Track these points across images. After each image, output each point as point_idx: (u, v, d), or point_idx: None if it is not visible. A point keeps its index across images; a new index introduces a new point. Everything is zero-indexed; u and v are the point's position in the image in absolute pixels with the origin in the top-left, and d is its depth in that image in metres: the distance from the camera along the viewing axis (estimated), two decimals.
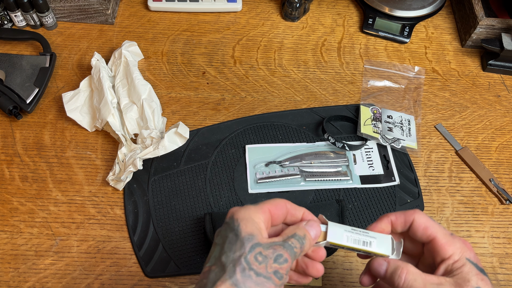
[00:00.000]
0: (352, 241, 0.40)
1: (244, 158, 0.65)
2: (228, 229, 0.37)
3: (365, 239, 0.40)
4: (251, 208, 0.38)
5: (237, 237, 0.36)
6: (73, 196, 0.61)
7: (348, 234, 0.40)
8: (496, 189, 0.64)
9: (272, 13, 0.83)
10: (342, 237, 0.40)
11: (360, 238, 0.40)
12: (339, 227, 0.40)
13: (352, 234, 0.40)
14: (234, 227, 0.37)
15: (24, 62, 0.71)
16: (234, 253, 0.35)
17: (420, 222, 0.39)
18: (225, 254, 0.35)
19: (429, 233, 0.39)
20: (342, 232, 0.40)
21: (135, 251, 0.57)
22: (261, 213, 0.38)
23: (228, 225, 0.37)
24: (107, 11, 0.77)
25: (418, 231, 0.39)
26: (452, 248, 0.37)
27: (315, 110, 0.70)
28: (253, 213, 0.38)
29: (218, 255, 0.36)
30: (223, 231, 0.38)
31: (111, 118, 0.64)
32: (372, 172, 0.64)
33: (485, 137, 0.70)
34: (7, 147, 0.65)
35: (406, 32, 0.80)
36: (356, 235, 0.40)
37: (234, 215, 0.38)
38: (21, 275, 0.55)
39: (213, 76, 0.74)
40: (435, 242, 0.38)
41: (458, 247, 0.38)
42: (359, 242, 0.40)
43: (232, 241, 0.36)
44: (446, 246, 0.37)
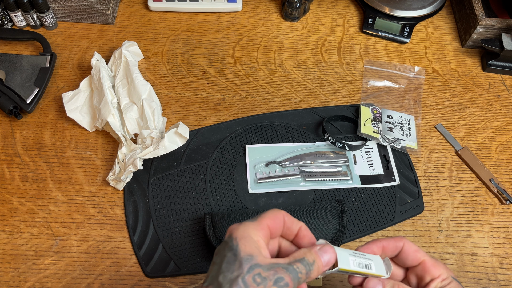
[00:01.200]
0: (357, 265, 0.39)
1: (244, 158, 0.65)
2: (226, 248, 0.36)
3: (366, 262, 0.40)
4: (250, 225, 0.37)
5: (235, 257, 0.35)
6: (73, 196, 0.61)
7: (352, 259, 0.39)
8: (496, 189, 0.64)
9: (272, 13, 0.83)
10: (349, 262, 0.38)
11: (362, 261, 0.40)
12: (344, 252, 0.39)
13: (355, 258, 0.39)
14: (232, 247, 0.36)
15: (24, 62, 0.71)
16: (232, 273, 0.34)
17: (410, 246, 0.42)
18: (223, 273, 0.34)
19: (419, 256, 0.42)
20: (347, 256, 0.39)
21: (135, 251, 0.57)
22: (260, 230, 0.37)
23: (227, 244, 0.36)
24: (107, 11, 0.77)
25: (409, 255, 0.42)
26: (440, 269, 0.41)
27: (315, 110, 0.70)
28: (252, 231, 0.37)
29: (215, 275, 0.35)
30: (222, 250, 0.37)
31: (111, 118, 0.64)
32: (372, 172, 0.64)
33: (485, 137, 0.70)
34: (7, 147, 0.65)
35: (406, 32, 0.80)
36: (358, 259, 0.39)
37: (233, 234, 0.37)
38: (21, 275, 0.55)
39: (213, 76, 0.74)
40: (425, 263, 0.41)
41: (443, 267, 0.42)
42: (362, 265, 0.39)
43: (231, 260, 0.35)
44: (435, 267, 0.41)
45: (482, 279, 0.58)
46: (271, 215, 0.39)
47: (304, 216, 0.57)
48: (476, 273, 0.58)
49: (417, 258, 0.42)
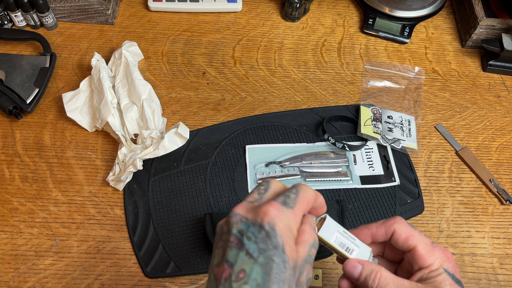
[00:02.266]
0: (338, 244, 0.40)
1: (244, 159, 0.65)
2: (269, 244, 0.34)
3: (350, 245, 0.40)
4: (291, 215, 0.35)
5: (285, 268, 0.33)
6: (73, 196, 0.61)
7: (338, 235, 0.40)
8: (496, 190, 0.64)
9: (272, 13, 0.83)
10: (332, 235, 0.39)
11: (346, 243, 0.40)
12: (334, 226, 0.40)
13: (342, 236, 0.40)
14: (278, 248, 0.34)
15: (24, 62, 0.71)
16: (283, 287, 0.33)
17: (401, 232, 0.40)
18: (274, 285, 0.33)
19: (409, 243, 0.39)
20: (334, 231, 0.40)
21: (135, 251, 0.57)
22: (298, 220, 0.36)
23: (269, 238, 0.34)
24: (107, 11, 0.77)
25: (399, 241, 0.40)
26: (432, 258, 0.38)
27: (315, 110, 0.70)
28: (292, 223, 0.35)
29: (262, 283, 0.32)
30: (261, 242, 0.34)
31: (111, 118, 0.64)
32: (372, 173, 0.64)
33: (485, 137, 0.70)
34: (7, 147, 0.65)
35: (406, 33, 0.80)
36: (344, 239, 0.40)
37: (276, 226, 0.34)
38: (21, 275, 0.55)
39: (213, 76, 0.74)
40: (415, 251, 0.39)
41: (438, 257, 0.38)
42: (343, 246, 0.40)
43: (281, 270, 0.33)
44: (426, 256, 0.38)
45: (482, 280, 0.58)
46: (306, 198, 0.37)
47: None
48: (476, 273, 0.58)
49: (407, 245, 0.39)
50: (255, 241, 0.34)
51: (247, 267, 0.33)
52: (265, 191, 0.38)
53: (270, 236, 0.34)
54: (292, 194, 0.37)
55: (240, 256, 0.34)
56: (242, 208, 0.36)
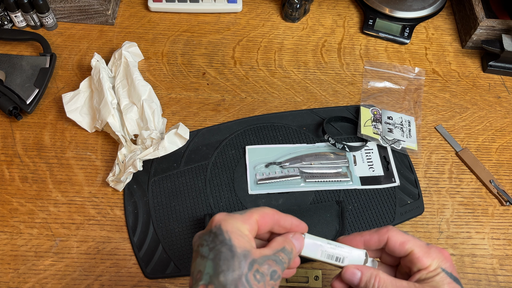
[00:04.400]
0: (326, 256, 0.40)
1: (244, 159, 0.65)
2: (217, 241, 0.36)
3: (339, 254, 0.41)
4: (239, 218, 0.37)
5: (232, 254, 0.35)
6: (73, 197, 0.61)
7: (323, 249, 0.41)
8: (497, 191, 0.64)
9: (272, 14, 0.83)
10: (317, 251, 0.40)
11: (334, 253, 0.41)
12: (316, 241, 0.41)
13: (329, 249, 0.41)
14: (225, 241, 0.35)
15: (24, 62, 0.71)
16: (233, 272, 0.34)
17: (396, 239, 0.40)
18: (223, 273, 0.34)
19: (406, 248, 0.40)
20: (317, 246, 0.40)
21: (135, 252, 0.57)
22: (249, 224, 0.38)
23: (217, 237, 0.36)
24: (107, 12, 0.77)
25: (395, 247, 0.40)
26: (429, 259, 0.39)
27: (315, 111, 0.70)
28: (241, 225, 0.37)
29: (213, 273, 0.34)
30: (211, 243, 0.36)
31: (111, 119, 0.63)
32: (372, 173, 0.64)
33: (486, 138, 0.70)
34: (7, 147, 0.65)
35: (407, 33, 0.79)
36: (331, 250, 0.41)
37: (222, 226, 0.36)
38: (21, 276, 0.55)
39: (213, 77, 0.74)
40: (413, 255, 0.39)
41: (435, 257, 0.39)
42: (332, 257, 0.41)
43: (228, 257, 0.34)
44: (423, 258, 0.39)
45: (482, 281, 0.57)
46: (261, 211, 0.39)
47: (304, 217, 0.57)
48: (476, 274, 0.58)
49: (404, 250, 0.40)
50: (207, 245, 0.36)
51: (202, 267, 0.35)
52: None
53: (217, 234, 0.36)
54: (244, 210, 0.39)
55: (197, 261, 0.36)
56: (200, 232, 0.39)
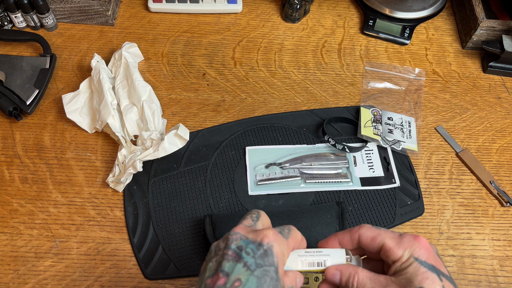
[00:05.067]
0: (307, 265, 0.41)
1: (244, 160, 0.64)
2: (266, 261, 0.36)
3: (319, 259, 0.41)
4: (285, 244, 0.38)
5: (277, 284, 0.35)
6: (73, 198, 0.61)
7: (302, 259, 0.41)
8: (497, 191, 0.64)
9: (272, 15, 0.83)
10: (297, 263, 0.41)
11: (314, 259, 0.41)
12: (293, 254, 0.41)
13: (306, 257, 0.41)
14: (273, 266, 0.36)
15: (24, 63, 0.71)
16: None
17: (367, 236, 0.40)
18: None
19: (377, 242, 0.40)
20: (295, 257, 0.41)
21: (135, 253, 0.57)
22: (289, 251, 0.39)
23: (267, 256, 0.36)
24: (108, 12, 0.77)
25: (367, 243, 0.40)
26: (400, 250, 0.38)
27: (315, 111, 0.70)
28: (285, 251, 0.38)
29: None
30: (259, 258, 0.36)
31: (111, 119, 0.63)
32: (373, 174, 0.64)
33: (486, 139, 0.70)
34: (7, 148, 0.65)
35: (407, 34, 0.79)
36: (310, 258, 0.41)
37: (274, 248, 0.37)
38: (21, 277, 0.55)
39: (213, 78, 0.74)
40: (384, 247, 0.39)
41: (407, 247, 0.38)
42: (313, 264, 0.41)
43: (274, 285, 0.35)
44: (395, 249, 0.38)
45: (482, 282, 0.57)
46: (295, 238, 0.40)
47: (304, 218, 0.57)
48: (477, 275, 0.58)
49: (376, 245, 0.40)
50: (253, 256, 0.36)
51: (243, 277, 0.34)
52: (257, 218, 0.41)
53: (267, 254, 0.36)
54: (286, 229, 0.40)
55: (237, 267, 0.35)
56: (241, 229, 0.39)
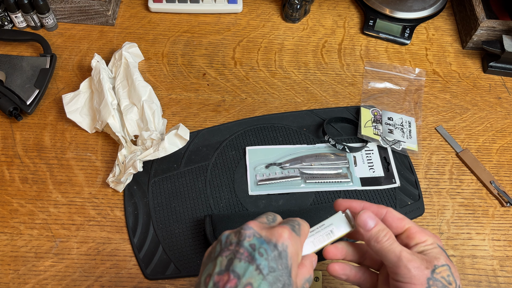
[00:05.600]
0: (318, 242, 0.41)
1: (244, 160, 0.64)
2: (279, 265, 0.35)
3: (325, 231, 0.42)
4: (299, 242, 0.38)
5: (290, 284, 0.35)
6: (73, 198, 0.61)
7: (312, 240, 0.41)
8: (497, 192, 0.64)
9: (272, 15, 0.83)
10: (309, 246, 0.41)
11: (322, 234, 0.42)
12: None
13: (315, 236, 0.41)
14: (288, 268, 0.36)
15: (25, 63, 0.71)
16: None
17: (394, 214, 0.42)
18: None
19: (403, 223, 0.41)
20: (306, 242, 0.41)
21: (135, 253, 0.57)
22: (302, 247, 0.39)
23: (281, 259, 0.36)
24: (108, 12, 0.77)
25: (393, 221, 0.41)
26: (426, 236, 0.41)
27: (315, 111, 0.70)
28: (299, 249, 0.38)
29: None
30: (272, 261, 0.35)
31: (111, 119, 0.63)
32: (373, 174, 0.64)
33: (486, 139, 0.70)
34: (7, 148, 0.65)
35: (407, 34, 0.79)
36: (317, 235, 0.42)
37: (289, 249, 0.36)
38: (21, 277, 0.55)
39: (214, 78, 0.74)
40: (410, 230, 0.41)
41: (430, 235, 0.41)
42: (323, 238, 0.41)
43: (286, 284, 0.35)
44: (421, 233, 0.41)
45: (482, 282, 0.57)
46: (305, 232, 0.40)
47: (304, 218, 0.56)
48: (477, 275, 0.58)
49: (402, 226, 0.41)
50: (266, 258, 0.35)
51: (255, 282, 0.34)
52: (273, 220, 0.41)
53: (282, 256, 0.36)
54: (296, 225, 0.39)
55: (250, 269, 0.34)
56: (256, 225, 0.38)
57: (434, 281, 0.38)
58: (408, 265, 0.38)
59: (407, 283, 0.38)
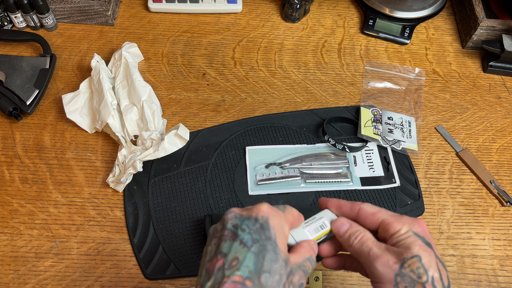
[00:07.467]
0: (313, 231, 0.42)
1: (244, 160, 0.64)
2: (262, 235, 0.35)
3: (319, 223, 0.42)
4: (282, 216, 0.38)
5: (276, 256, 0.35)
6: (73, 198, 0.61)
7: (307, 229, 0.42)
8: (497, 191, 0.64)
9: (272, 14, 0.83)
10: (305, 234, 0.41)
11: (316, 225, 0.42)
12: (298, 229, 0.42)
13: (309, 226, 0.42)
14: (271, 239, 0.35)
15: (24, 63, 0.71)
16: (274, 276, 0.34)
17: (367, 210, 0.41)
18: (265, 274, 0.33)
19: (376, 217, 0.40)
20: (302, 231, 0.41)
21: (135, 253, 0.57)
22: (288, 224, 0.39)
23: (263, 230, 0.36)
24: (107, 12, 0.77)
25: (366, 217, 0.41)
26: (400, 224, 0.39)
27: (315, 111, 0.70)
28: (283, 223, 0.38)
29: (254, 270, 0.33)
30: (255, 233, 0.35)
31: (111, 119, 0.63)
32: (373, 174, 0.64)
33: (486, 138, 0.70)
34: (7, 148, 0.65)
35: (407, 34, 0.79)
36: (312, 225, 0.42)
37: (270, 220, 0.36)
38: (21, 277, 0.55)
39: (213, 78, 0.74)
40: (384, 222, 0.40)
41: (406, 222, 0.39)
42: (318, 228, 0.42)
43: (273, 259, 0.34)
44: (394, 223, 0.39)
45: (482, 281, 0.57)
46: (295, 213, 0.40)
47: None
48: (477, 275, 0.58)
49: (376, 220, 0.40)
50: (249, 232, 0.36)
51: (240, 255, 0.34)
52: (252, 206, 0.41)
53: (263, 228, 0.36)
54: (281, 206, 0.40)
55: (234, 246, 0.35)
56: (236, 209, 0.39)
57: (402, 276, 0.36)
58: (375, 263, 0.37)
59: (378, 283, 0.37)
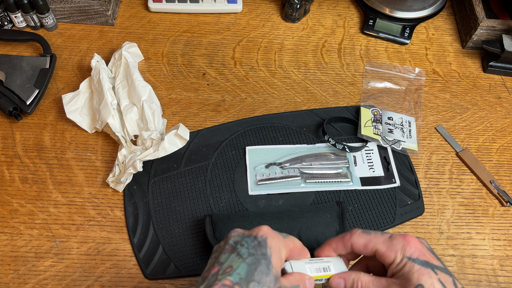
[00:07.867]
0: (314, 270, 0.41)
1: (244, 160, 0.64)
2: (259, 251, 0.37)
3: (323, 265, 0.42)
4: (281, 240, 0.40)
5: (268, 271, 0.36)
6: (73, 198, 0.61)
7: (309, 266, 0.41)
8: (497, 191, 0.64)
9: (272, 14, 0.83)
10: (305, 269, 0.41)
11: (320, 266, 0.42)
12: (300, 261, 0.42)
13: (312, 264, 0.42)
14: (266, 255, 0.37)
15: (24, 63, 0.71)
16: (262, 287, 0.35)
17: (359, 243, 0.41)
18: (254, 283, 0.35)
19: (369, 248, 0.41)
20: (303, 265, 0.41)
21: (135, 253, 0.57)
22: (286, 249, 0.40)
23: (260, 247, 0.37)
24: (107, 12, 0.77)
25: (360, 251, 0.42)
26: (393, 254, 0.39)
27: (315, 111, 0.70)
28: (281, 246, 0.39)
29: (245, 277, 0.35)
30: (252, 248, 0.37)
31: (111, 119, 0.63)
32: (373, 174, 0.64)
33: (486, 138, 0.70)
34: (7, 148, 0.65)
35: (407, 34, 0.79)
36: (315, 264, 0.42)
37: (268, 240, 0.38)
38: (21, 277, 0.55)
39: (213, 78, 0.74)
40: (377, 253, 0.40)
41: (398, 248, 0.39)
42: (320, 269, 0.42)
43: (264, 271, 0.36)
44: (387, 254, 0.40)
45: (482, 281, 0.57)
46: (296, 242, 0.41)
47: (304, 218, 0.57)
48: (477, 275, 0.58)
49: (369, 251, 0.41)
50: (247, 247, 0.38)
51: (235, 264, 0.36)
52: None
53: (261, 245, 0.38)
54: (284, 233, 0.41)
55: (231, 257, 0.37)
56: (241, 230, 0.41)
57: None
58: None
59: None
